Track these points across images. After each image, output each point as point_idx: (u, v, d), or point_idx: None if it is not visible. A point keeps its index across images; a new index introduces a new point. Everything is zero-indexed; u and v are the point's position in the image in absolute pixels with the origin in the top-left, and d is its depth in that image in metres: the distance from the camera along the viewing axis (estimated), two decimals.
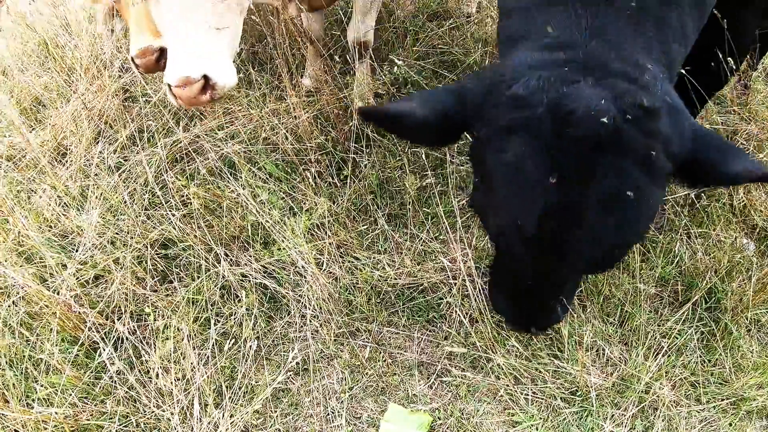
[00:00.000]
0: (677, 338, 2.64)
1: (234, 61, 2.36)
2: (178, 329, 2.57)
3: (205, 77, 2.15)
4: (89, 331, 2.54)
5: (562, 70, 1.51)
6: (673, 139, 1.51)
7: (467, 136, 1.75)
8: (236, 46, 2.39)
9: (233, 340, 2.61)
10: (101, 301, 2.67)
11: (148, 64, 2.46)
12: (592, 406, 2.44)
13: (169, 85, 2.17)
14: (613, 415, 2.44)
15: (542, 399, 2.49)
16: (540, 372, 2.54)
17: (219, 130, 3.28)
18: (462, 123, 1.66)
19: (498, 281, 2.01)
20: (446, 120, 1.64)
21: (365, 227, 3.01)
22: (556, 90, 1.47)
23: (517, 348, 2.59)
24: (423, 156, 3.20)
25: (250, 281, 2.75)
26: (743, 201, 3.02)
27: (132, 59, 2.50)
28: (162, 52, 2.42)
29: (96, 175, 3.10)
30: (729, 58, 2.22)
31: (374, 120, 1.73)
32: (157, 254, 2.81)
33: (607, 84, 1.48)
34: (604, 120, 1.42)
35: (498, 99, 1.56)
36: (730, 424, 2.46)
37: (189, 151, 3.17)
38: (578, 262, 1.56)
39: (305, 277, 2.73)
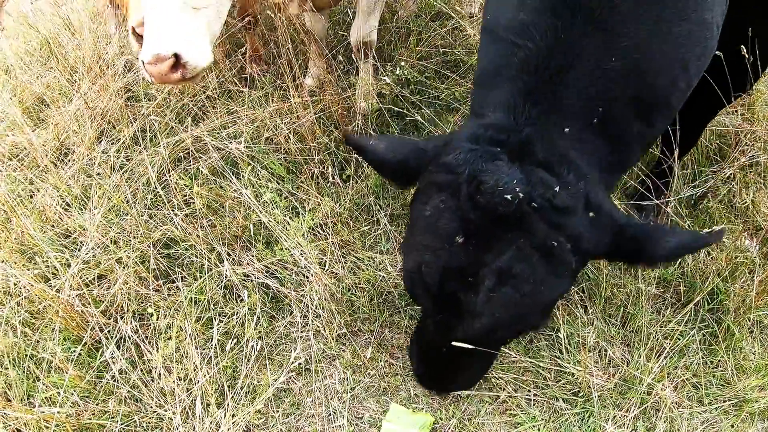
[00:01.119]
0: (679, 339, 2.64)
1: (219, 40, 2.37)
2: (180, 329, 2.57)
3: (176, 56, 2.16)
4: (92, 330, 2.54)
5: (491, 149, 1.65)
6: (584, 237, 1.61)
7: None
8: (217, 27, 2.38)
9: (235, 340, 2.61)
10: (104, 300, 2.67)
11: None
12: (594, 408, 2.44)
13: (143, 62, 2.19)
14: (615, 417, 2.43)
15: (544, 400, 2.49)
16: (541, 373, 2.54)
17: (222, 130, 3.28)
18: (415, 174, 1.83)
19: (415, 332, 2.15)
20: (402, 168, 1.84)
21: (367, 227, 3.01)
22: (478, 164, 1.62)
23: (519, 349, 2.59)
24: None
25: (252, 281, 2.76)
26: (746, 202, 3.02)
27: (133, 30, 2.46)
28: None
29: (98, 174, 3.11)
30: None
31: (353, 148, 1.95)
32: (159, 254, 2.81)
33: (525, 170, 1.60)
34: (508, 197, 1.55)
35: (436, 163, 1.74)
36: (732, 426, 2.46)
37: (192, 151, 3.17)
38: (473, 325, 1.66)
39: (307, 277, 2.73)
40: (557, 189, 1.58)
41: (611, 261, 1.77)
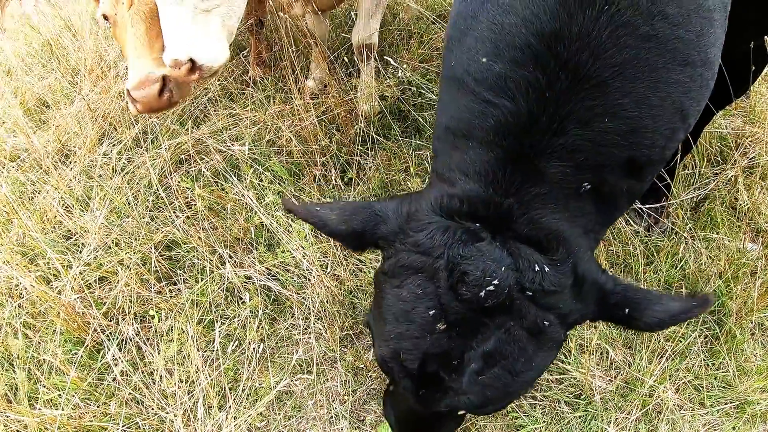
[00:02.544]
0: (681, 342, 2.63)
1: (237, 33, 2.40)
2: (182, 331, 2.57)
3: (191, 60, 2.24)
4: (93, 332, 2.54)
5: (468, 226, 1.50)
6: (573, 312, 1.53)
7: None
8: (234, 21, 2.43)
9: (237, 342, 2.61)
10: (105, 302, 2.67)
11: (149, 97, 2.35)
12: (596, 410, 2.44)
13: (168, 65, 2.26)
14: (617, 419, 2.43)
15: (546, 403, 2.49)
16: (544, 376, 2.54)
17: (224, 132, 3.28)
18: (373, 244, 1.67)
19: (389, 395, 1.92)
20: (358, 238, 1.66)
21: None
22: (458, 248, 1.47)
23: None
24: (427, 159, 3.20)
25: (254, 283, 2.75)
26: (747, 204, 3.02)
27: (128, 92, 2.38)
28: (165, 82, 2.37)
29: (100, 176, 3.11)
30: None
31: (296, 215, 1.70)
32: (161, 256, 2.81)
33: (511, 251, 1.47)
34: (495, 288, 1.43)
35: (405, 239, 1.57)
36: (734, 428, 2.46)
37: (193, 153, 3.17)
38: (459, 402, 1.54)
39: (309, 279, 2.73)
40: (547, 270, 1.48)
41: (604, 321, 1.64)
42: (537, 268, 1.47)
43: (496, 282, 1.43)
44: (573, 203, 1.54)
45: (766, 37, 2.26)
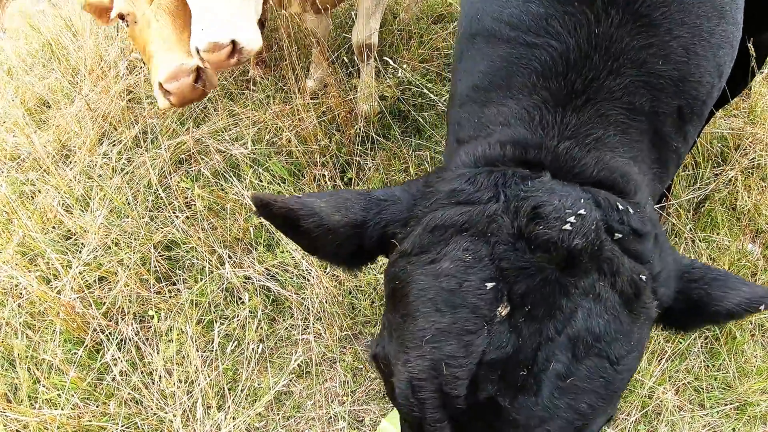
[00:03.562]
0: (681, 343, 2.63)
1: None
2: (181, 331, 2.57)
3: (233, 42, 2.19)
4: (93, 332, 2.54)
5: (521, 170, 1.18)
6: (661, 275, 1.16)
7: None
8: (260, 8, 2.42)
9: (236, 343, 2.61)
10: (105, 302, 2.67)
11: (183, 88, 2.36)
12: None
13: (197, 50, 2.20)
14: (616, 420, 2.43)
15: None
16: None
17: (224, 132, 3.28)
18: (380, 238, 1.24)
19: None
20: (357, 233, 1.23)
21: None
22: (517, 184, 1.13)
23: None
24: (427, 159, 3.20)
25: (253, 283, 2.75)
26: (748, 205, 3.01)
27: (160, 86, 2.38)
28: (198, 73, 2.39)
29: (100, 176, 3.11)
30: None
31: (268, 213, 1.24)
32: (160, 256, 2.82)
33: (584, 188, 1.15)
34: (582, 220, 1.06)
35: (433, 198, 1.19)
36: (734, 430, 2.46)
37: (193, 153, 3.18)
38: None
39: (308, 279, 2.73)
40: (631, 212, 1.15)
41: (667, 323, 1.25)
42: (621, 207, 1.14)
43: (582, 212, 1.07)
44: (635, 152, 1.33)
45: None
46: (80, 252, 2.81)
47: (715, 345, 2.66)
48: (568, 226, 1.05)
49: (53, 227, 2.94)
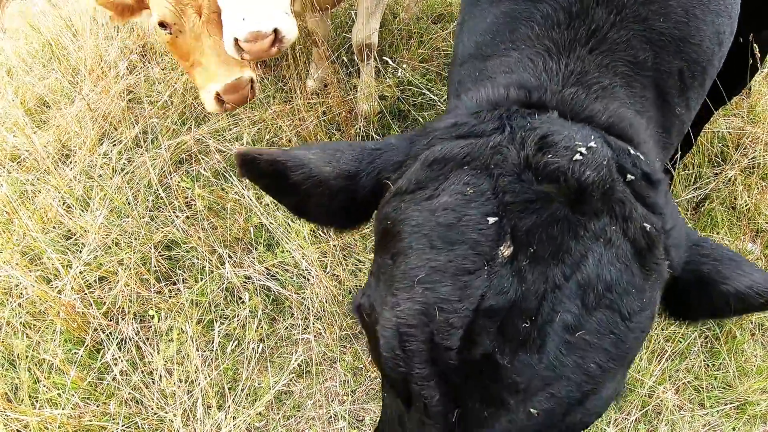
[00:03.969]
0: (681, 342, 2.63)
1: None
2: (181, 331, 2.57)
3: (275, 31, 2.19)
4: (93, 332, 2.54)
5: (527, 110, 1.11)
6: (673, 233, 1.06)
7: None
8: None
9: (236, 342, 2.61)
10: (105, 302, 2.67)
11: (242, 97, 2.50)
12: None
13: (236, 40, 2.19)
14: (616, 420, 2.43)
15: None
16: None
17: (224, 132, 3.28)
18: (373, 188, 1.14)
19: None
20: (349, 185, 1.14)
21: (369, 229, 3.01)
22: (523, 117, 1.07)
23: None
24: None
25: (253, 283, 2.76)
26: (748, 204, 3.01)
27: (216, 95, 2.49)
28: (252, 82, 2.52)
29: (100, 176, 3.11)
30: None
31: (254, 170, 1.15)
32: (161, 256, 2.82)
33: (592, 129, 1.09)
34: (593, 153, 0.99)
35: (432, 135, 1.12)
36: (734, 429, 2.46)
37: (193, 153, 3.18)
38: (530, 408, 0.91)
39: (308, 279, 2.73)
40: (642, 158, 1.06)
41: (671, 305, 1.14)
42: (632, 152, 1.06)
43: (593, 144, 0.99)
44: (641, 107, 1.30)
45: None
46: (80, 252, 2.81)
47: (715, 344, 2.66)
48: (578, 156, 0.97)
49: (53, 227, 2.94)
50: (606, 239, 0.94)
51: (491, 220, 0.93)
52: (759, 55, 2.23)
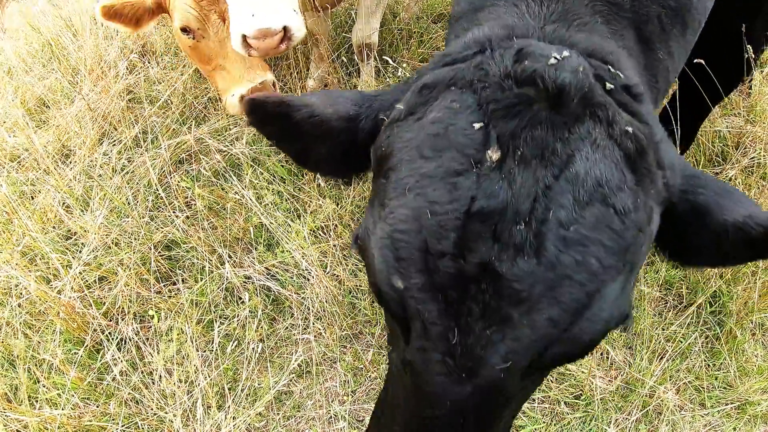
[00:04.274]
0: (681, 342, 2.63)
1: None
2: (181, 331, 2.57)
3: (284, 28, 2.19)
4: (93, 332, 2.54)
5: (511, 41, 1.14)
6: (662, 146, 1.07)
7: None
8: None
9: (236, 342, 2.60)
10: (105, 302, 2.67)
11: None
12: (596, 411, 2.43)
13: (244, 36, 2.19)
14: (617, 420, 2.43)
15: (546, 404, 2.49)
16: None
17: (224, 131, 3.28)
18: (372, 129, 1.19)
19: (384, 403, 1.22)
20: (352, 126, 1.19)
21: None
22: (504, 41, 1.12)
23: None
24: None
25: (253, 283, 2.75)
26: None
27: (241, 98, 2.53)
28: (274, 85, 2.60)
29: (100, 176, 3.11)
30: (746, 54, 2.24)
31: (262, 115, 1.20)
32: (160, 256, 2.81)
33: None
34: (568, 60, 1.00)
35: (423, 71, 1.17)
36: (735, 429, 2.45)
37: (193, 153, 3.17)
38: (539, 310, 0.90)
39: (309, 279, 2.72)
40: (623, 75, 1.08)
41: (667, 237, 1.11)
42: (611, 69, 1.08)
43: (566, 53, 1.01)
44: (623, 42, 1.32)
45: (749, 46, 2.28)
46: (80, 252, 2.81)
47: (715, 344, 2.66)
48: (553, 60, 0.99)
49: (53, 227, 2.94)
50: (591, 140, 0.95)
51: (477, 125, 0.96)
52: (752, 48, 2.24)
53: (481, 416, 1.00)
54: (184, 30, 2.49)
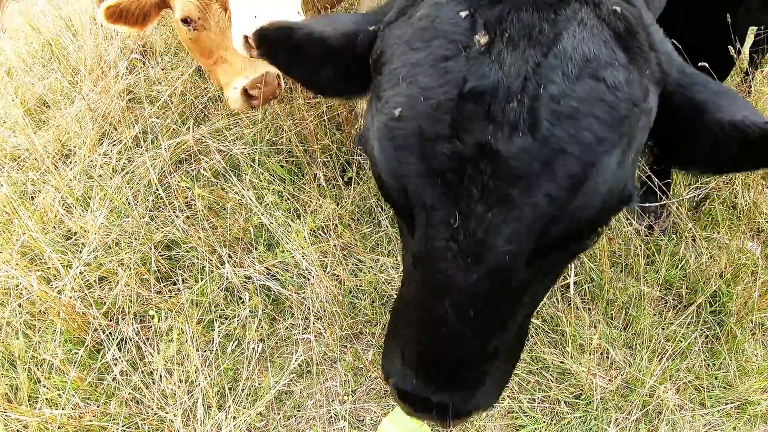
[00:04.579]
0: (681, 342, 2.63)
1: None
2: (181, 331, 2.57)
3: None
4: (93, 332, 2.54)
5: None
6: (653, 28, 1.07)
7: None
8: None
9: (236, 342, 2.61)
10: (105, 302, 2.67)
11: (271, 90, 2.52)
12: (596, 410, 2.44)
13: (246, 37, 2.15)
14: (617, 419, 2.43)
15: (546, 403, 2.49)
16: (544, 376, 2.54)
17: (224, 131, 3.28)
18: (371, 42, 1.19)
19: (397, 314, 1.25)
20: (352, 41, 1.21)
21: (369, 229, 3.01)
22: None
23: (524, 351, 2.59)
24: None
25: (253, 283, 2.75)
26: (748, 203, 3.01)
27: (244, 90, 2.51)
28: (279, 77, 2.54)
29: (100, 176, 3.11)
30: (730, 47, 2.24)
31: (270, 42, 1.24)
32: (161, 256, 2.81)
33: None
34: None
35: None
36: (735, 429, 2.45)
37: (193, 153, 3.17)
38: (528, 202, 0.93)
39: (309, 279, 2.73)
40: None
41: (666, 131, 1.10)
42: None
43: None
44: None
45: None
46: (81, 252, 2.81)
47: (715, 344, 2.66)
48: None
49: (54, 227, 2.94)
50: (578, 20, 0.96)
51: (463, 14, 0.98)
52: (738, 38, 2.27)
53: (492, 308, 1.02)
54: (185, 21, 2.46)
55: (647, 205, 2.93)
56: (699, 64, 2.16)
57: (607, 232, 2.80)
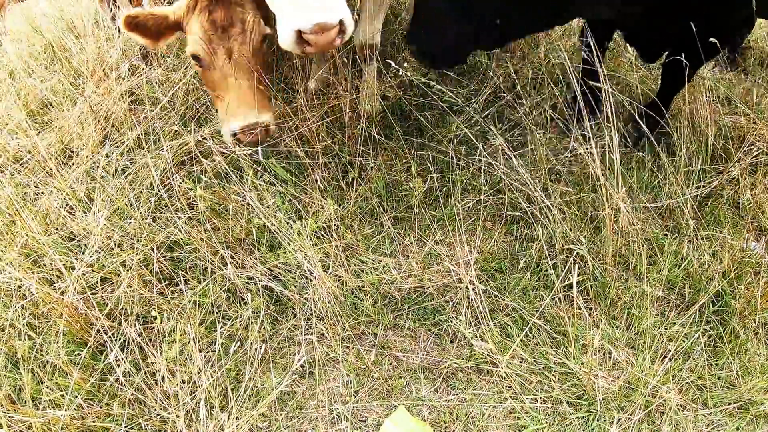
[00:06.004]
0: (684, 342, 2.62)
1: None
2: (184, 332, 2.57)
3: (340, 22, 2.17)
4: (96, 333, 2.55)
5: None
6: None
7: None
8: None
9: (239, 343, 2.61)
10: (108, 303, 2.67)
11: (254, 140, 2.71)
12: (599, 411, 2.43)
13: (299, 32, 2.15)
14: (619, 420, 2.42)
15: (548, 403, 2.49)
16: (546, 376, 2.54)
17: None
18: None
19: None
20: None
21: (371, 230, 3.01)
22: None
23: (523, 352, 2.59)
24: (430, 159, 3.20)
25: (256, 284, 2.76)
26: (751, 202, 3.00)
27: (233, 134, 2.71)
28: (268, 127, 2.70)
29: (102, 177, 3.12)
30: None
31: None
32: (163, 257, 2.82)
33: None
34: None
35: None
36: (738, 429, 2.45)
37: (195, 154, 3.18)
38: None
39: (311, 280, 2.73)
40: None
41: None
42: None
43: None
44: None
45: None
46: (83, 253, 2.81)
47: (718, 344, 2.65)
48: None
49: (56, 229, 2.94)
50: None
51: None
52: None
53: None
54: (194, 57, 2.61)
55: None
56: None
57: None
